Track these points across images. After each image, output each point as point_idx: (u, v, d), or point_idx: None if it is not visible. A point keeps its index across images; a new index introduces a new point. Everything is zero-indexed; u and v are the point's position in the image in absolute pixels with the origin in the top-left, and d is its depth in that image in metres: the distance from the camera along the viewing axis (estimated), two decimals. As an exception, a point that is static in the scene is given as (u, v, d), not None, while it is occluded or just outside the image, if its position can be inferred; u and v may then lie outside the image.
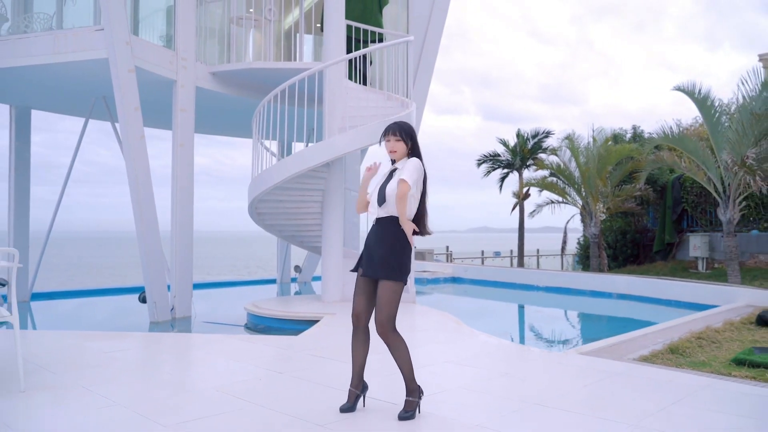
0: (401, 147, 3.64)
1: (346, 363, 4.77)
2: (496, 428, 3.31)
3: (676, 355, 5.66)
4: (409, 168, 3.56)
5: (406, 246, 3.58)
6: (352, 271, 3.76)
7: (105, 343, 5.83)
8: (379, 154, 15.11)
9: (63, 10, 9.31)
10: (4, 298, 10.52)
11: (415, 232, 3.61)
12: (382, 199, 3.58)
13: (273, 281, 14.65)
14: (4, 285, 10.60)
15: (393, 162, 3.70)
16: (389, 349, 3.55)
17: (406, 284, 3.62)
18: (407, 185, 3.48)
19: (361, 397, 3.68)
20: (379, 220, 3.61)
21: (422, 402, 3.63)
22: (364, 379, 3.69)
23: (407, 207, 3.55)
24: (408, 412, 3.48)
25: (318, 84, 8.63)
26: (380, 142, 3.74)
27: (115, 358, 5.23)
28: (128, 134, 8.20)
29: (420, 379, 4.07)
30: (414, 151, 3.70)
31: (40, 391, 4.07)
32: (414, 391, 3.53)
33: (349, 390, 3.64)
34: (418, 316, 7.86)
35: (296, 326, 7.54)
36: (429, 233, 3.74)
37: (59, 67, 8.37)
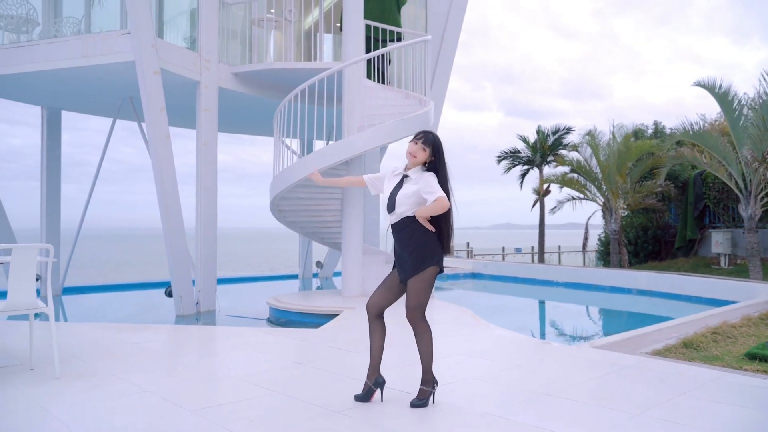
0: (422, 156, 3.67)
1: (364, 355, 4.94)
2: (503, 415, 3.46)
3: (689, 349, 5.73)
4: (431, 183, 3.59)
5: (426, 235, 3.63)
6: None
7: (134, 335, 6.08)
8: (399, 153, 15.26)
9: (91, 14, 9.63)
10: (38, 292, 10.96)
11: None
12: (392, 206, 3.70)
13: (295, 277, 14.91)
14: (38, 279, 11.03)
15: (405, 168, 3.79)
16: (415, 336, 3.67)
17: (441, 270, 3.69)
18: (446, 201, 3.56)
19: (379, 391, 3.77)
20: (393, 226, 3.73)
21: (436, 391, 3.78)
22: (382, 374, 3.77)
23: (412, 209, 3.65)
24: (421, 400, 3.64)
25: (337, 83, 8.81)
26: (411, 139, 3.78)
27: (144, 348, 5.48)
28: (154, 134, 8.47)
29: (435, 370, 4.23)
30: (437, 165, 3.69)
31: (74, 378, 4.31)
32: (429, 382, 3.68)
33: (365, 382, 3.76)
34: (436, 311, 8.00)
35: (317, 320, 7.74)
36: (450, 252, 3.81)
37: (88, 69, 8.68)
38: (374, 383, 3.75)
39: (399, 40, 10.04)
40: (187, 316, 8.78)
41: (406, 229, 3.68)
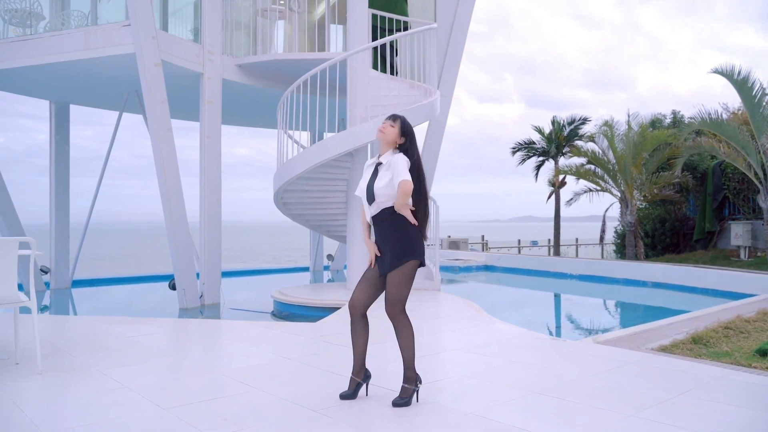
0: (391, 132, 3.59)
1: (351, 348, 4.83)
2: (486, 416, 3.30)
3: (698, 345, 5.50)
4: (399, 164, 3.49)
5: (408, 227, 3.53)
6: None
7: (130, 328, 6.03)
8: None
9: (97, 7, 9.58)
10: (47, 284, 11.03)
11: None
12: (371, 198, 3.56)
13: (306, 269, 14.86)
14: (46, 272, 11.09)
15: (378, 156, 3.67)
16: (396, 331, 3.53)
17: (422, 263, 3.57)
18: (410, 184, 3.44)
19: (364, 386, 3.67)
20: (374, 218, 3.59)
21: (422, 389, 3.65)
22: (367, 367, 3.68)
23: (391, 199, 3.54)
24: (403, 399, 3.49)
25: (343, 74, 8.65)
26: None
27: (136, 342, 5.41)
28: (156, 127, 8.41)
29: (427, 365, 4.10)
30: (408, 146, 3.61)
31: (56, 373, 4.25)
32: (411, 379, 3.54)
33: (351, 378, 3.66)
34: (440, 304, 7.85)
35: (320, 313, 7.64)
36: (425, 239, 3.68)
37: (91, 62, 8.63)
38: (363, 378, 3.64)
39: (406, 29, 9.84)
40: (190, 309, 8.74)
41: (386, 221, 3.55)
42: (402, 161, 3.53)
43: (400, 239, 3.51)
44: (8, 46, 8.90)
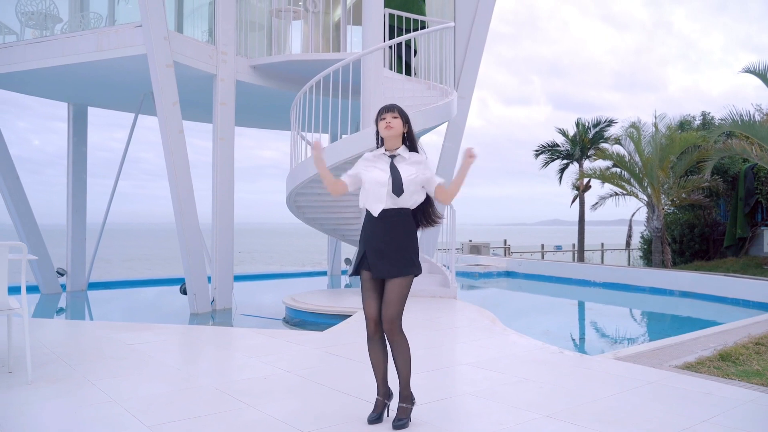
0: (398, 124, 3.36)
1: (358, 363, 4.60)
2: (490, 443, 3.04)
3: (726, 362, 5.14)
4: (426, 164, 3.41)
5: (415, 236, 3.38)
6: (352, 274, 3.52)
7: (132, 335, 5.89)
8: (424, 146, 14.81)
9: (115, 9, 9.53)
10: (63, 287, 11.03)
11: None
12: (399, 190, 3.29)
13: (324, 273, 14.71)
14: (63, 275, 11.09)
15: (382, 145, 3.43)
16: (392, 349, 3.29)
17: (418, 275, 3.37)
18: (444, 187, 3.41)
19: (387, 406, 3.41)
20: (385, 213, 3.30)
21: (423, 408, 3.42)
22: (389, 386, 3.43)
23: (412, 200, 3.36)
24: (401, 420, 3.25)
25: (358, 75, 8.45)
26: (376, 122, 3.47)
27: (134, 350, 5.26)
28: (167, 129, 8.30)
29: (432, 381, 3.85)
30: (410, 137, 3.43)
31: (46, 383, 4.10)
32: (408, 398, 3.30)
33: (377, 399, 3.39)
34: (455, 313, 7.58)
35: (331, 321, 7.43)
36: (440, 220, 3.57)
37: (105, 63, 8.58)
38: (387, 397, 3.40)
39: (424, 29, 9.60)
40: (201, 315, 8.61)
41: (400, 221, 3.32)
42: (425, 160, 3.43)
43: (408, 248, 3.31)
44: (24, 48, 8.90)
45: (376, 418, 3.34)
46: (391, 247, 3.28)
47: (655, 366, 4.83)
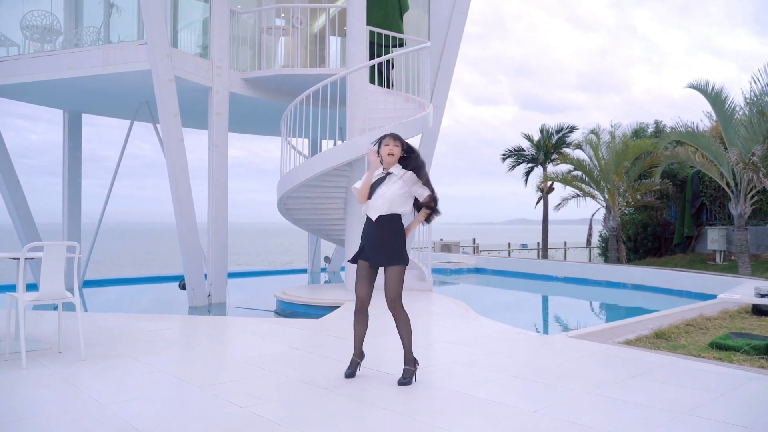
0: (397, 152, 4.31)
1: (345, 340, 5.50)
2: (471, 393, 3.98)
3: (660, 339, 6.17)
4: (414, 180, 4.28)
5: (402, 235, 4.32)
6: (351, 261, 4.43)
7: (151, 323, 6.67)
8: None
9: (110, 23, 10.21)
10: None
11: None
12: (370, 197, 4.29)
13: (304, 271, 15.51)
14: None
15: (383, 167, 4.37)
16: (396, 321, 4.23)
17: (407, 264, 4.32)
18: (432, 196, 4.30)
19: (359, 365, 4.41)
20: (381, 218, 4.25)
21: (419, 372, 4.32)
22: (363, 350, 4.43)
23: (402, 207, 4.25)
24: (406, 379, 4.17)
25: (342, 86, 9.34)
26: (378, 144, 4.37)
27: (159, 335, 6.06)
28: (168, 138, 9.06)
29: (420, 354, 4.75)
30: (412, 160, 4.33)
31: (97, 360, 4.90)
32: (411, 361, 4.23)
33: (352, 359, 4.39)
34: (432, 304, 8.53)
35: (320, 311, 8.28)
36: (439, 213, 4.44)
37: (108, 77, 9.28)
38: (360, 358, 4.39)
39: (401, 45, 10.53)
40: (199, 308, 9.38)
41: (393, 224, 4.25)
42: (414, 176, 4.30)
43: (398, 243, 4.26)
44: (29, 61, 9.54)
45: (350, 373, 4.35)
46: (385, 241, 4.24)
47: (601, 342, 5.84)
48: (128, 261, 29.71)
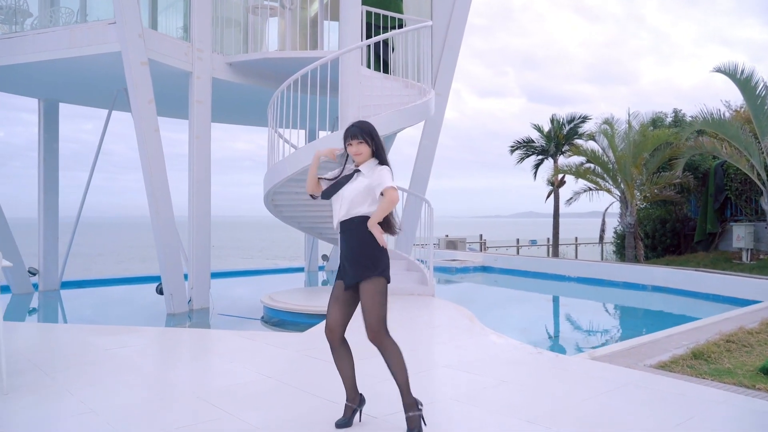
0: (365, 149, 3.40)
1: (332, 364, 4.60)
2: (473, 450, 3.08)
3: (699, 360, 5.28)
4: (384, 174, 3.33)
5: (373, 243, 3.34)
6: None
7: (109, 339, 5.82)
8: (401, 141, 14.81)
9: (87, 4, 9.32)
10: (36, 286, 10.82)
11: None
12: (326, 196, 3.43)
13: (301, 269, 14.67)
14: (34, 274, 10.87)
15: (354, 164, 3.48)
16: (383, 355, 3.29)
17: (389, 281, 3.35)
18: (396, 193, 3.30)
19: (358, 412, 3.48)
20: (343, 224, 3.37)
21: (423, 411, 3.36)
22: (360, 392, 3.49)
23: (366, 206, 3.35)
24: (413, 430, 3.23)
25: (336, 72, 8.42)
26: (344, 146, 3.50)
27: (113, 355, 5.20)
28: (142, 127, 8.18)
29: (414, 384, 3.86)
30: (378, 151, 3.44)
31: (22, 394, 4.03)
32: (413, 405, 3.27)
33: (345, 404, 3.45)
34: (433, 312, 7.64)
35: (310, 320, 7.45)
36: (398, 231, 3.51)
37: (77, 60, 8.42)
38: (358, 404, 3.46)
39: (401, 27, 9.59)
40: (178, 315, 8.53)
41: (357, 229, 3.33)
42: (386, 172, 3.35)
43: (366, 251, 3.31)
44: (-6, 43, 8.67)
45: (344, 423, 3.40)
46: (351, 251, 3.34)
47: (630, 366, 4.93)
48: (110, 258, 28.91)
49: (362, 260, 3.30)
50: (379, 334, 3.25)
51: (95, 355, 5.22)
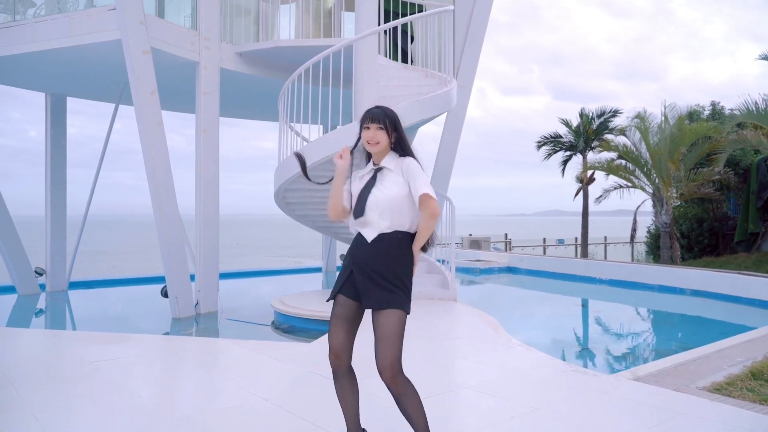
0: (383, 138, 2.79)
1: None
2: None
3: (759, 381, 4.59)
4: (416, 172, 2.71)
5: (411, 265, 2.77)
6: (330, 300, 2.86)
7: (100, 349, 5.34)
8: (423, 138, 14.16)
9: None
10: (42, 287, 10.45)
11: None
12: (360, 211, 2.74)
13: (319, 270, 14.17)
14: (41, 274, 10.51)
15: (369, 158, 2.88)
16: (397, 399, 2.66)
17: (408, 312, 2.72)
18: (435, 202, 2.65)
19: None
20: (381, 237, 2.72)
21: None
22: (363, 427, 2.94)
23: (409, 218, 2.74)
24: None
25: (350, 63, 7.84)
26: (360, 130, 2.89)
27: (96, 369, 4.69)
28: (144, 120, 7.70)
29: (429, 413, 3.28)
30: (401, 143, 2.83)
31: (-18, 418, 3.54)
32: None
33: None
34: (455, 320, 7.02)
35: (323, 327, 6.91)
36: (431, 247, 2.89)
37: (78, 50, 7.97)
38: None
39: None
40: (184, 319, 8.05)
41: (396, 244, 2.72)
42: (416, 169, 2.73)
43: (399, 274, 2.70)
44: (-6, 33, 8.27)
45: None
46: (385, 270, 2.70)
47: (680, 388, 4.27)
48: (120, 257, 28.65)
49: (393, 282, 2.68)
50: (395, 372, 2.62)
51: (78, 369, 4.72)
